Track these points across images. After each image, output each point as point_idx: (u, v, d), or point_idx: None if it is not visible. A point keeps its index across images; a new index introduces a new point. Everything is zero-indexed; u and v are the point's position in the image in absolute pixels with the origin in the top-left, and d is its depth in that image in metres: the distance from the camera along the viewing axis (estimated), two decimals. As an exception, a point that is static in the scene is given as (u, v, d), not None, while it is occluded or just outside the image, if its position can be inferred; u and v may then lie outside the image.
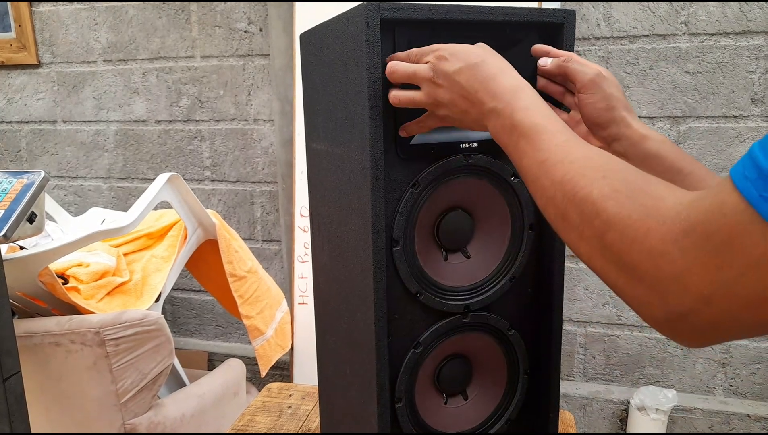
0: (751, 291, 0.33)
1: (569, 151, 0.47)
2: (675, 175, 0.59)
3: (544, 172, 0.48)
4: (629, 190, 0.41)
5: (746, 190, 0.33)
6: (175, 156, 2.16)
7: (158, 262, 1.62)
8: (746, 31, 1.63)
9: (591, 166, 0.45)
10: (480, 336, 0.71)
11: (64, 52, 2.18)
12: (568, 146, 0.48)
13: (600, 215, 0.42)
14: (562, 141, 0.48)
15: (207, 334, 2.29)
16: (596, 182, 0.43)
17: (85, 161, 2.27)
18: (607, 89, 0.62)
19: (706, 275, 0.35)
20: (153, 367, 1.37)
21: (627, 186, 0.42)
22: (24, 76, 2.25)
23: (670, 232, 0.37)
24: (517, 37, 0.65)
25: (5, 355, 1.01)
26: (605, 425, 1.92)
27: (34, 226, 1.15)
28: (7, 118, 2.31)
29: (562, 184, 0.46)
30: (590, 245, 0.43)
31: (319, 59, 0.73)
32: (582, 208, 0.43)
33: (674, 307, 0.37)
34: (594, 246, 0.42)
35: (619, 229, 0.40)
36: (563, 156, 0.47)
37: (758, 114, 1.67)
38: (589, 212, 0.43)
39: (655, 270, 0.37)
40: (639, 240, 0.38)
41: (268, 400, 1.10)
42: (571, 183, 0.45)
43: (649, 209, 0.39)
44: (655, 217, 0.38)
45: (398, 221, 0.64)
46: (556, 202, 0.46)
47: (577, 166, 0.45)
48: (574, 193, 0.44)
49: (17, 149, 2.34)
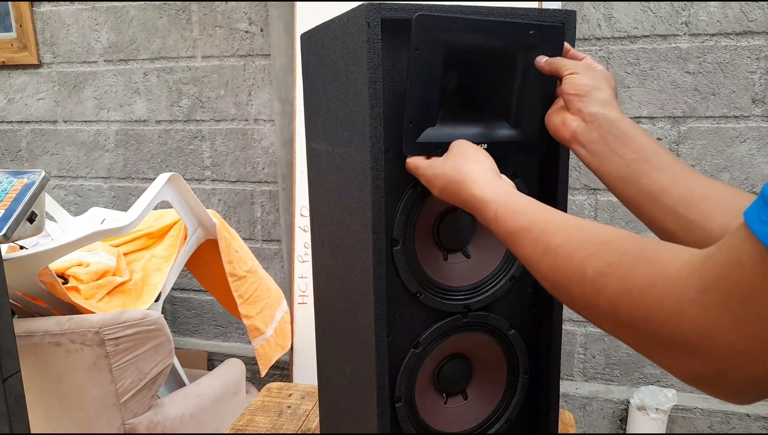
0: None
1: (549, 240, 0.47)
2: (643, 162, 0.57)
3: (535, 265, 0.49)
4: (626, 260, 0.40)
5: (765, 235, 0.31)
6: (176, 156, 2.16)
7: (158, 262, 1.62)
8: (747, 31, 1.63)
9: (576, 246, 0.44)
10: (480, 336, 0.71)
11: (65, 52, 2.19)
12: (546, 236, 0.48)
13: (603, 293, 0.40)
14: (538, 233, 0.49)
15: (207, 333, 2.29)
16: (587, 261, 0.42)
17: (86, 161, 2.27)
18: (595, 70, 0.61)
19: (735, 330, 0.33)
20: (153, 366, 1.37)
21: (622, 257, 0.40)
22: (25, 76, 2.25)
23: (685, 293, 0.35)
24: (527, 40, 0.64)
25: (5, 355, 1.01)
26: (605, 425, 1.92)
27: (34, 225, 1.15)
28: (8, 117, 2.31)
29: (554, 272, 0.45)
30: (608, 322, 0.41)
31: (320, 59, 0.73)
32: (583, 291, 0.42)
33: (712, 365, 0.35)
34: (611, 322, 0.41)
35: (626, 304, 0.38)
36: (545, 246, 0.47)
37: (759, 114, 1.67)
38: (591, 293, 0.41)
39: (679, 333, 0.35)
40: (652, 309, 0.37)
41: (268, 400, 1.10)
42: (563, 269, 0.44)
43: (654, 276, 0.37)
44: (663, 284, 0.36)
45: (398, 221, 0.64)
46: (558, 289, 0.46)
47: (562, 252, 0.45)
48: (569, 278, 0.44)
49: (18, 149, 2.34)
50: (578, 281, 0.43)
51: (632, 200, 0.57)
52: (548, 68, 0.63)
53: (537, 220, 0.50)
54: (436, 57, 0.60)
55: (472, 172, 0.57)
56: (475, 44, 0.62)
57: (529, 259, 0.49)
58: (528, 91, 0.64)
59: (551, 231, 0.48)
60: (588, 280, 0.42)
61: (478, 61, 0.63)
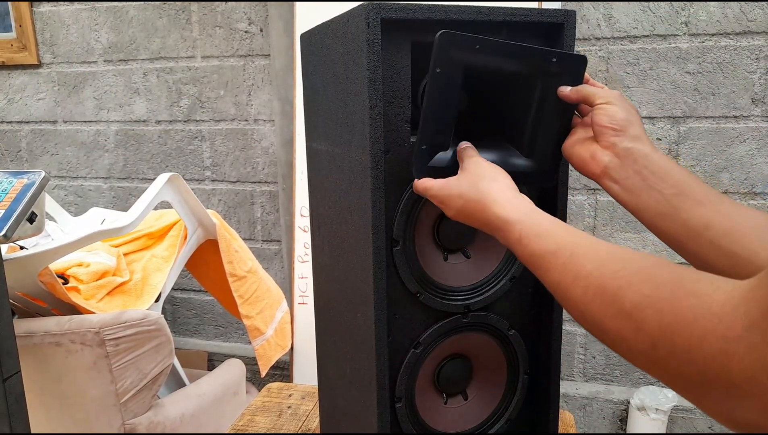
0: None
1: (579, 266, 0.44)
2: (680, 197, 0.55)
3: (563, 292, 0.46)
4: (664, 292, 0.37)
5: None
6: (176, 156, 2.16)
7: (158, 262, 1.62)
8: (747, 31, 1.63)
9: (609, 274, 0.42)
10: (480, 336, 0.71)
11: (65, 52, 2.19)
12: (576, 261, 0.45)
13: (642, 328, 0.38)
14: (566, 257, 0.46)
15: (207, 334, 2.29)
16: (623, 292, 0.40)
17: (86, 161, 2.27)
18: (626, 104, 0.59)
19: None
20: (153, 367, 1.37)
21: (659, 289, 0.37)
22: (25, 76, 2.25)
23: (731, 329, 0.33)
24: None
25: (5, 355, 1.01)
26: (605, 425, 1.92)
27: (35, 226, 1.15)
28: (8, 118, 2.31)
29: (586, 302, 0.42)
30: (645, 359, 0.39)
31: (320, 59, 0.73)
32: (620, 325, 0.40)
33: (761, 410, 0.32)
34: (649, 360, 0.38)
35: (668, 338, 0.36)
36: (575, 273, 0.44)
37: (758, 114, 1.67)
38: (628, 327, 0.39)
39: (725, 374, 0.33)
40: (696, 347, 0.34)
41: (268, 400, 1.10)
42: (596, 300, 0.41)
43: (696, 310, 0.35)
44: (707, 318, 0.34)
45: (398, 221, 0.64)
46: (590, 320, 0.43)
47: (594, 280, 0.42)
48: (604, 310, 0.41)
49: (18, 149, 2.34)
50: (614, 314, 0.40)
51: (673, 236, 0.55)
52: (575, 96, 0.60)
53: (564, 244, 0.47)
54: (457, 78, 0.57)
55: (492, 191, 0.54)
56: (495, 67, 0.59)
57: (557, 284, 0.47)
58: (543, 120, 0.62)
59: (580, 255, 0.45)
60: (626, 313, 0.39)
61: (495, 85, 0.61)
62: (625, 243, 1.82)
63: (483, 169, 0.57)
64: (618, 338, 0.40)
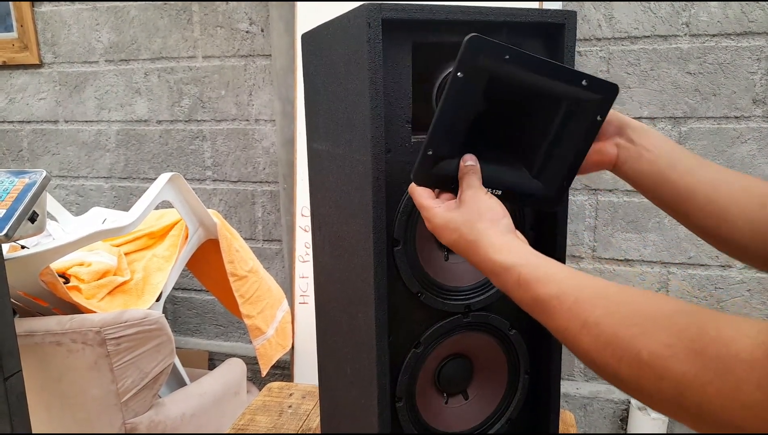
0: None
1: (586, 312, 0.43)
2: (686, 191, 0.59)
3: (571, 339, 0.44)
4: (685, 341, 0.36)
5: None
6: (177, 156, 2.17)
7: (159, 262, 1.62)
8: (747, 32, 1.63)
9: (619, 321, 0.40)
10: (481, 336, 0.71)
11: (66, 52, 2.19)
12: (581, 307, 0.43)
13: (665, 377, 0.36)
14: (571, 303, 0.44)
15: (208, 333, 2.29)
16: (638, 341, 0.38)
17: (87, 161, 2.27)
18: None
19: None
20: (154, 366, 1.37)
21: (679, 337, 0.36)
22: (26, 75, 2.25)
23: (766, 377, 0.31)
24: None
25: (6, 355, 1.01)
26: (606, 425, 1.92)
27: (36, 225, 1.15)
28: (9, 117, 2.31)
29: (598, 350, 0.41)
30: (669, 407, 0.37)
31: (321, 59, 0.73)
32: (639, 375, 0.38)
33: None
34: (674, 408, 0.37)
35: (696, 389, 0.35)
36: (582, 320, 0.43)
37: (759, 115, 1.67)
38: (649, 377, 0.37)
39: (763, 425, 0.32)
40: (729, 397, 0.33)
41: (269, 400, 1.11)
42: (609, 349, 0.40)
43: (725, 359, 0.33)
44: (738, 367, 0.33)
45: (399, 221, 0.64)
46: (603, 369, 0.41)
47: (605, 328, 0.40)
48: (618, 359, 0.39)
49: (19, 149, 2.34)
50: (630, 364, 0.38)
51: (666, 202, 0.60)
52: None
53: (567, 288, 0.46)
54: (479, 85, 0.54)
55: (489, 234, 0.52)
56: (521, 81, 0.55)
57: (564, 331, 0.45)
58: (560, 144, 0.59)
59: (586, 300, 0.44)
60: (644, 363, 0.37)
61: (516, 98, 0.57)
62: (626, 243, 1.82)
63: (482, 207, 0.54)
64: (636, 387, 0.39)
